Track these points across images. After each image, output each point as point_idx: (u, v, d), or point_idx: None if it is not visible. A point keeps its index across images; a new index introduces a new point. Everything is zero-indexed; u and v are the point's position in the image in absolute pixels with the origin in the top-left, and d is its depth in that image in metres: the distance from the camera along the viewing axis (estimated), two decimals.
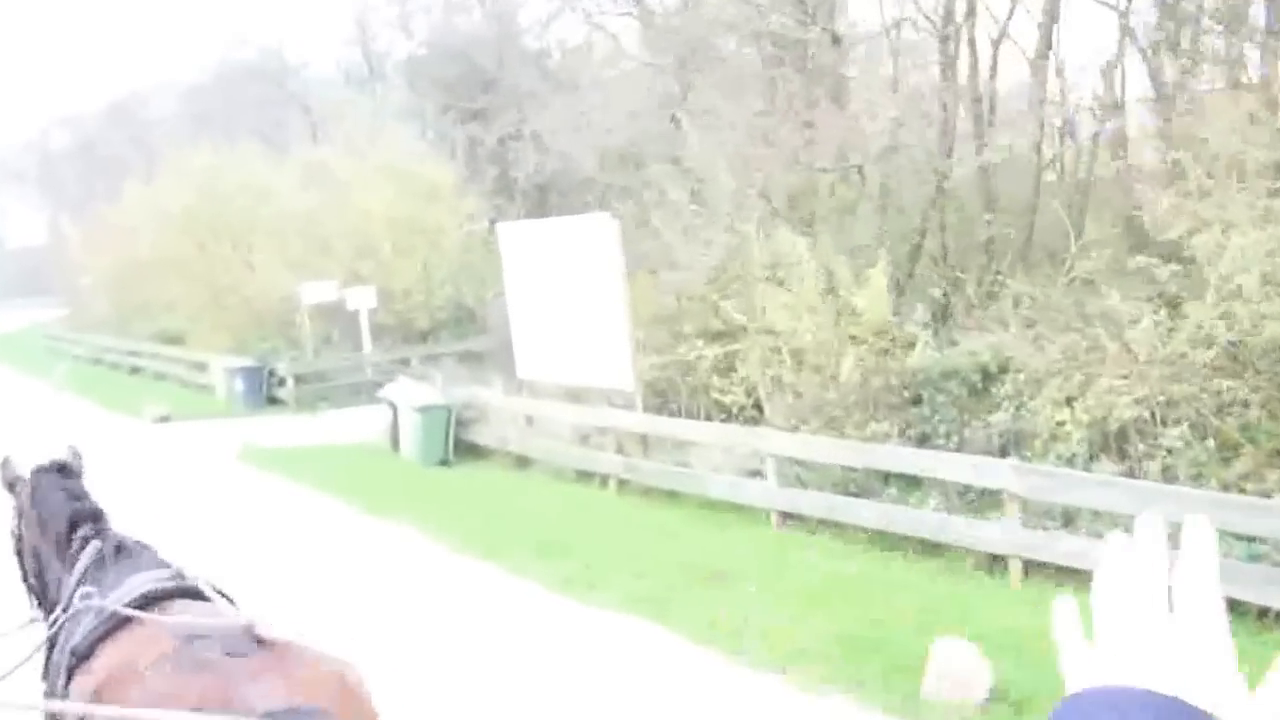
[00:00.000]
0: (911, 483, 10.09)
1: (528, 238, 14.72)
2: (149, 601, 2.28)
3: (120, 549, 2.77)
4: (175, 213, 26.15)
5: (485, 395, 15.22)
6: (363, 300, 20.94)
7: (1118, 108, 13.14)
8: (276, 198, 23.96)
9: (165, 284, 26.83)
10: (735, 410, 12.64)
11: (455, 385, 15.73)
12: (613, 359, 13.16)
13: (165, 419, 19.38)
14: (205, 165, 25.99)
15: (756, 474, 11.03)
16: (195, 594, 2.34)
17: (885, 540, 9.50)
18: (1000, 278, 12.37)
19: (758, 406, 13.02)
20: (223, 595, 2.39)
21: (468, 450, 14.82)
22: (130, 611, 2.20)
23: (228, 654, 1.97)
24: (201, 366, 24.11)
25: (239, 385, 20.37)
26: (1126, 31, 12.82)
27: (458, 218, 21.49)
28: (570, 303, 13.73)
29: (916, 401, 10.62)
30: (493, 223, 18.98)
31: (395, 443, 15.25)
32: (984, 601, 8.03)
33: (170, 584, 2.32)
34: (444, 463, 14.61)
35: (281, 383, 20.66)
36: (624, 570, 8.80)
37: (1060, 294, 12.02)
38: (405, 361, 21.49)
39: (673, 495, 11.77)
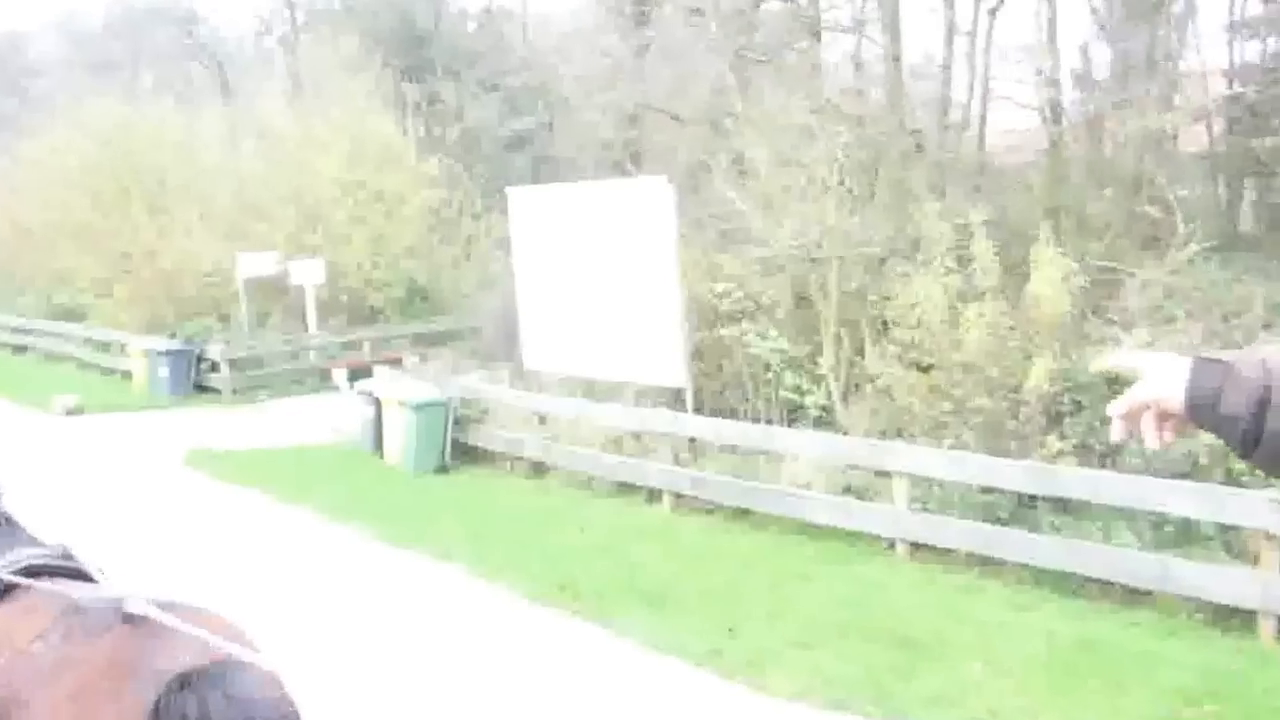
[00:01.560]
0: (1077, 509, 8.28)
1: (546, 205, 12.47)
2: (32, 575, 2.05)
3: (8, 521, 2.52)
4: (72, 171, 22.97)
5: (489, 390, 12.94)
6: (309, 275, 18.32)
7: None
8: (201, 155, 21.03)
9: (58, 252, 23.61)
10: (814, 414, 10.69)
11: (447, 377, 13.40)
12: (657, 350, 11.07)
13: (77, 411, 16.52)
14: (109, 117, 22.83)
15: (865, 494, 9.15)
16: (81, 575, 2.05)
17: (1056, 581, 7.70)
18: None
19: (824, 408, 11.11)
20: (88, 579, 1.99)
21: (464, 454, 12.55)
22: (17, 579, 2.01)
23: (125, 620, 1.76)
24: (105, 347, 21.11)
25: (163, 371, 17.59)
26: None
27: (416, 184, 18.98)
28: (603, 282, 11.57)
29: (1075, 410, 8.79)
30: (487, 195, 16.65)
31: (378, 444, 12.88)
32: (1266, 676, 6.25)
33: (56, 561, 2.05)
34: (441, 469, 12.32)
35: (214, 368, 17.92)
36: (777, 636, 6.74)
37: (1189, 278, 10.39)
38: (355, 345, 18.95)
39: (743, 514, 9.77)
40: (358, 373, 18.40)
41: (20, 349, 24.99)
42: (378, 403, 12.87)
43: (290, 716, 1.76)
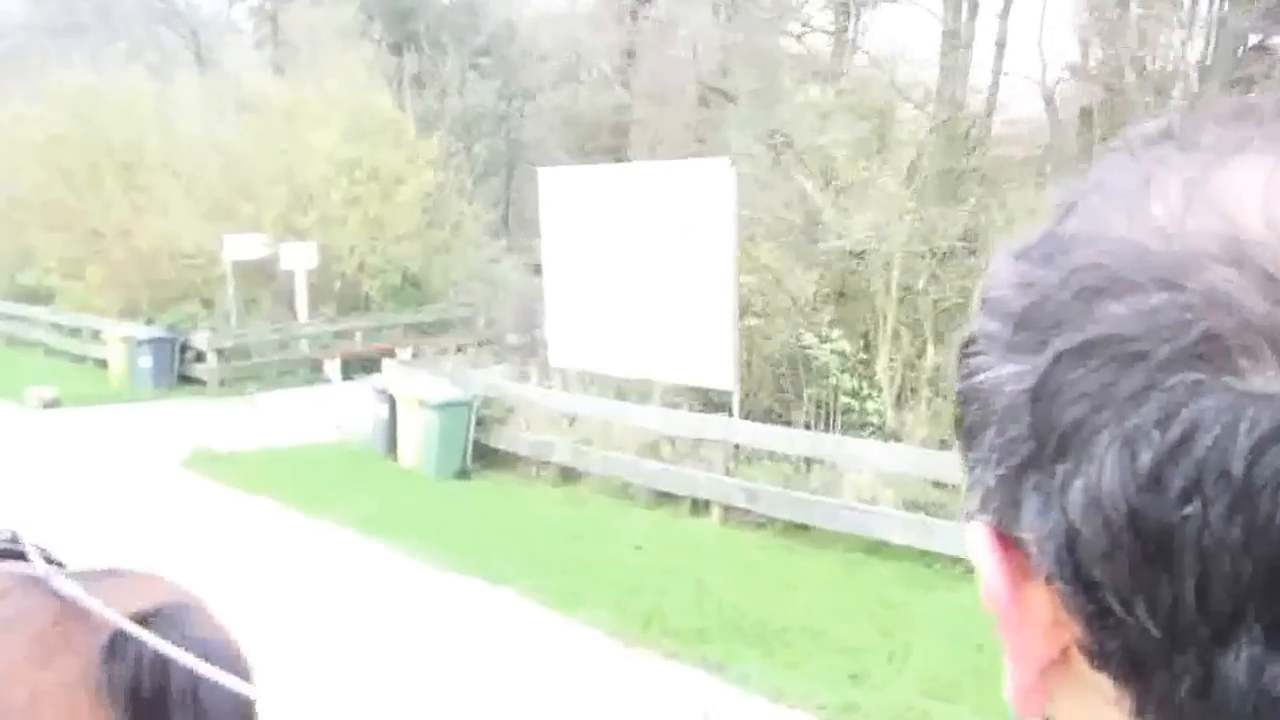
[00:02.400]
0: None
1: (584, 188, 11.66)
2: None
3: None
4: (37, 142, 21.71)
5: (515, 389, 12.15)
6: (301, 259, 17.38)
7: None
8: (179, 128, 19.92)
9: (21, 230, 22.37)
10: (875, 421, 10.04)
11: (465, 373, 12.60)
12: (704, 348, 10.34)
13: (54, 404, 15.50)
14: (78, 85, 21.59)
15: (934, 509, 8.51)
16: (24, 557, 1.64)
17: None
18: None
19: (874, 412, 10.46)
20: (52, 562, 1.59)
21: (482, 457, 11.77)
22: None
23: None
24: (76, 332, 20.01)
25: (144, 360, 16.58)
26: None
27: (416, 164, 18.04)
28: (646, 272, 10.82)
29: None
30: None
31: (391, 446, 12.06)
32: None
33: (4, 545, 1.63)
34: (463, 474, 11.54)
35: (199, 358, 16.95)
36: (907, 685, 6.05)
37: None
38: (347, 335, 18.05)
39: (799, 530, 9.12)
40: (351, 364, 17.58)
41: None
42: (391, 401, 12.04)
43: (241, 658, 1.60)
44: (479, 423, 11.74)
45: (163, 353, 16.60)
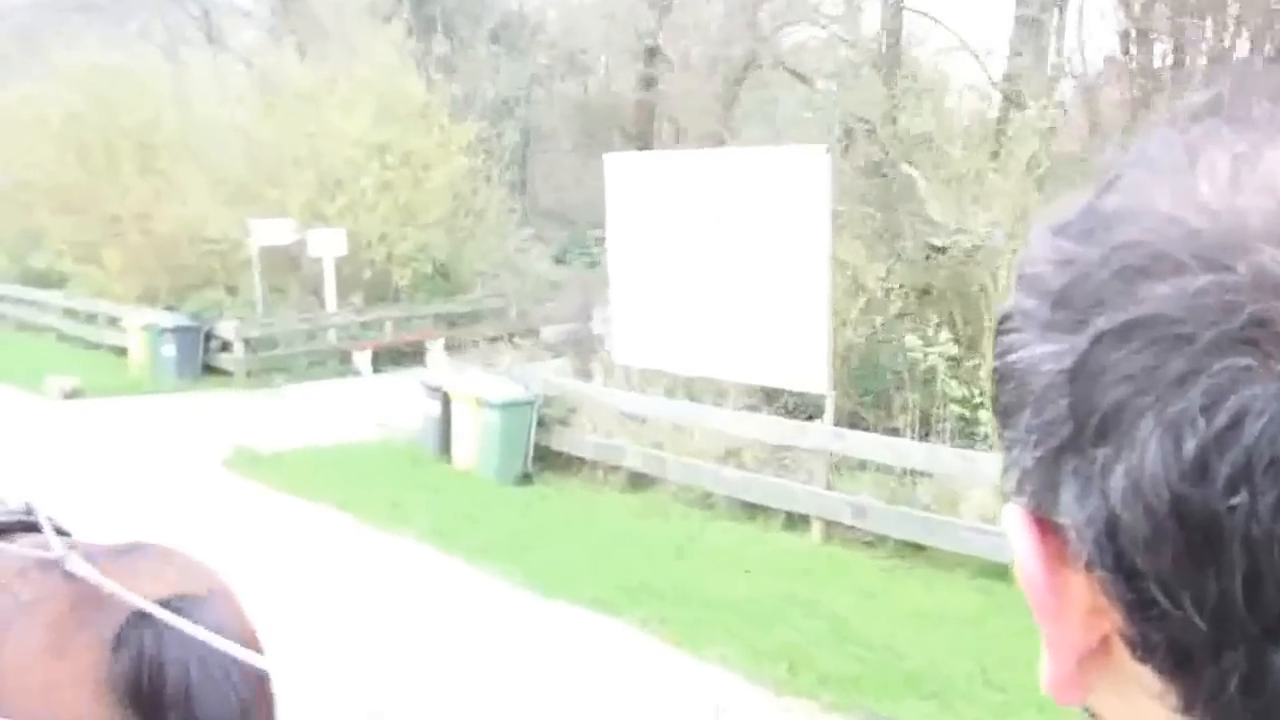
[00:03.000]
0: None
1: (657, 175, 10.89)
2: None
3: None
4: (50, 123, 20.84)
5: (581, 388, 11.40)
6: (329, 246, 16.56)
7: None
8: (200, 110, 19.06)
9: (31, 213, 21.52)
10: (986, 432, 9.31)
11: (523, 369, 11.84)
12: (793, 348, 9.60)
13: (76, 394, 14.68)
14: (92, 65, 20.71)
15: None
16: (38, 529, 2.03)
17: None
18: None
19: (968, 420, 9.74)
20: (61, 533, 2.02)
21: (541, 459, 11.03)
22: None
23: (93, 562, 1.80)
24: (91, 318, 19.19)
25: (168, 349, 15.76)
26: None
27: (447, 149, 17.23)
28: (726, 265, 10.07)
29: None
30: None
31: (444, 446, 11.30)
32: None
33: (20, 518, 2.02)
34: (525, 478, 10.79)
35: (224, 348, 16.13)
36: None
37: None
38: (376, 325, 17.26)
39: (914, 550, 8.40)
40: (381, 356, 16.80)
41: None
42: (445, 398, 11.28)
43: (253, 649, 1.76)
44: (540, 423, 11.00)
45: (187, 342, 15.79)
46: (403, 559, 8.27)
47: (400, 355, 17.09)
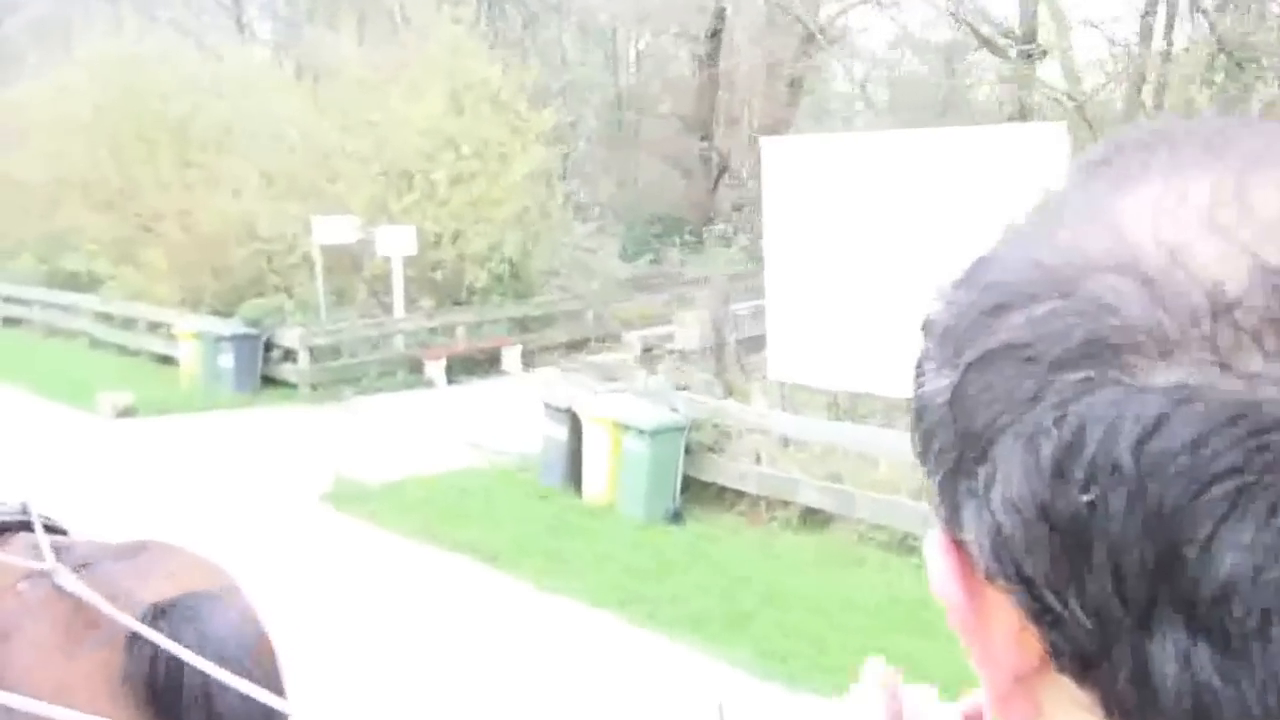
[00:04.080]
0: None
1: (829, 161, 9.41)
2: None
3: None
4: (82, 116, 19.33)
5: (734, 409, 9.91)
6: (398, 245, 15.06)
7: None
8: (246, 99, 17.52)
9: (61, 210, 20.00)
10: None
11: (665, 388, 10.34)
12: None
13: (130, 411, 13.18)
14: (126, 54, 19.21)
15: None
16: (50, 530, 1.88)
17: None
18: None
19: None
20: (59, 531, 1.89)
21: (684, 490, 9.55)
22: None
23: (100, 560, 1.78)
24: (130, 324, 17.69)
25: (225, 359, 14.27)
26: None
27: (524, 138, 15.71)
28: (918, 266, 8.55)
29: None
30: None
31: (572, 477, 9.84)
32: None
33: (18, 517, 1.89)
34: (675, 516, 9.31)
35: (286, 357, 14.64)
36: None
37: None
38: (447, 330, 15.76)
39: None
40: (453, 365, 15.35)
41: (12, 321, 21.37)
42: (573, 420, 9.81)
43: (266, 651, 1.74)
44: (687, 451, 9.53)
45: (246, 351, 14.30)
46: (582, 632, 6.79)
47: (472, 364, 15.62)
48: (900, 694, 0.68)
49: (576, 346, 17.20)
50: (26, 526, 1.93)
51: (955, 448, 0.45)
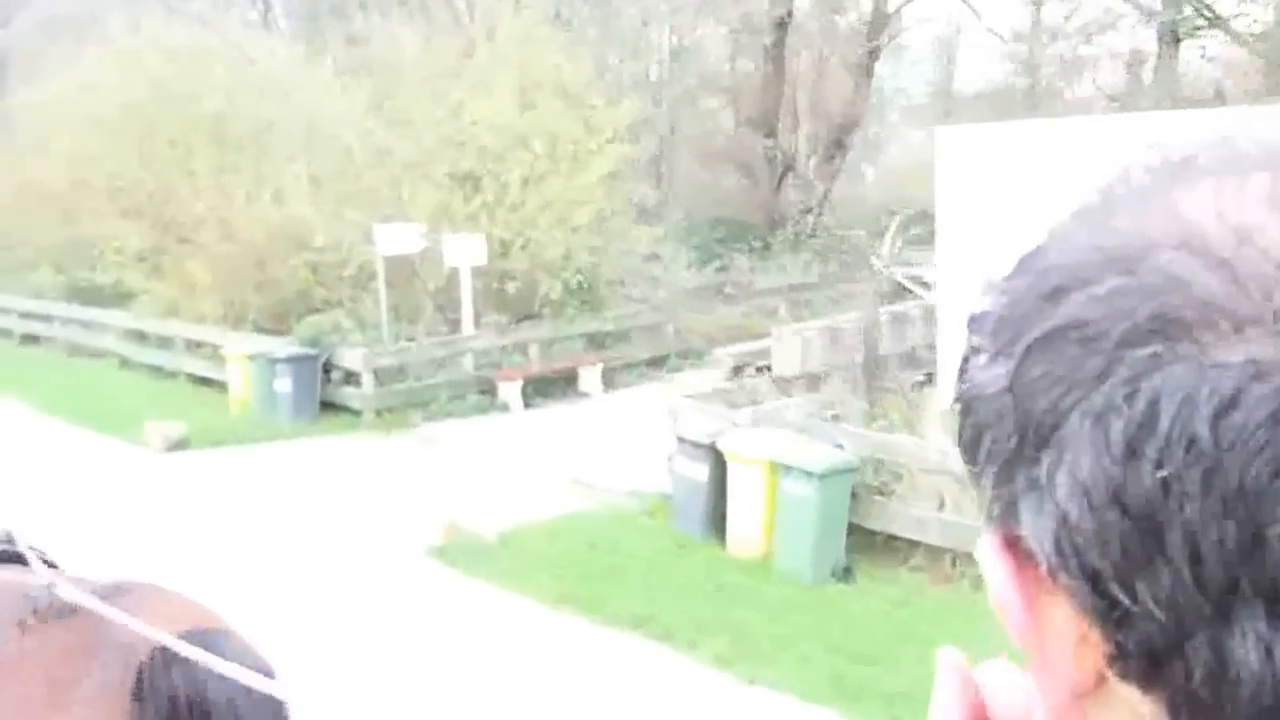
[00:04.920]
0: None
1: (1022, 150, 7.98)
2: None
3: None
4: (108, 116, 17.97)
5: (906, 445, 8.47)
6: (467, 254, 13.64)
7: None
8: (289, 98, 16.14)
9: (84, 219, 18.64)
10: None
11: (822, 421, 8.91)
12: None
13: (183, 444, 11.75)
14: (158, 48, 17.84)
15: None
16: (21, 560, 1.75)
17: None
18: None
19: None
20: (48, 564, 1.71)
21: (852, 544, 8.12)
22: None
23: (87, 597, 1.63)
24: (166, 342, 16.30)
25: (282, 384, 12.84)
26: None
27: (600, 135, 14.29)
28: None
29: None
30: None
31: (714, 525, 8.42)
32: None
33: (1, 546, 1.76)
34: (847, 573, 7.89)
35: (348, 379, 13.23)
36: None
37: None
38: (520, 348, 14.33)
39: None
40: (530, 385, 13.94)
41: (31, 339, 19.97)
42: (715, 457, 8.39)
43: (271, 685, 1.61)
44: (852, 495, 8.11)
45: (304, 374, 12.88)
46: None
47: (547, 384, 14.20)
48: (975, 675, 0.58)
49: (655, 364, 15.81)
50: (12, 558, 1.79)
51: (1013, 436, 0.42)
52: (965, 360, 0.47)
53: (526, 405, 13.68)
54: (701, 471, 8.52)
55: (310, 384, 12.95)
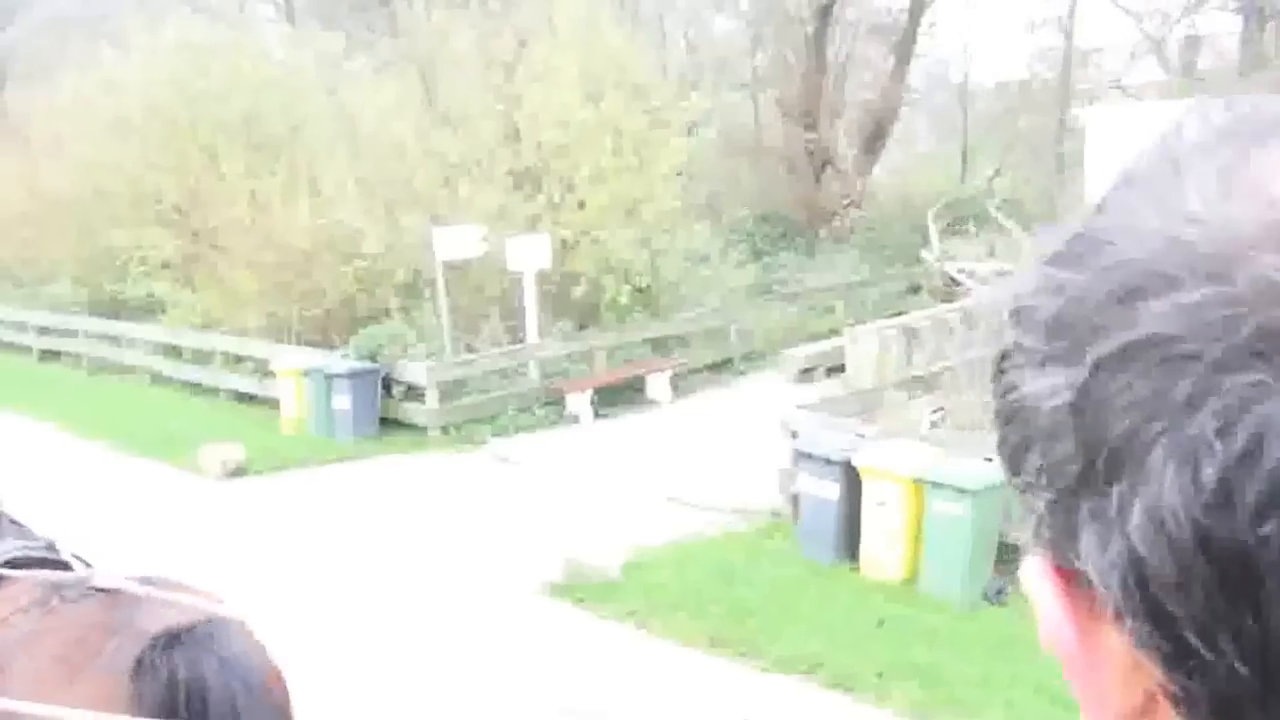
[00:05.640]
0: None
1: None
2: (14, 566, 2.04)
3: None
4: (131, 119, 17.22)
5: None
6: (531, 257, 12.88)
7: None
8: (324, 95, 15.38)
9: (105, 227, 17.87)
10: None
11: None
12: None
13: (241, 470, 10.98)
14: (183, 43, 17.09)
15: None
16: (62, 566, 2.02)
17: None
18: None
19: None
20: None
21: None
22: (2, 571, 2.00)
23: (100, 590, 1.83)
24: (205, 357, 15.54)
25: (342, 400, 12.07)
26: None
27: (667, 129, 13.53)
28: None
29: None
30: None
31: (848, 547, 7.70)
32: None
33: (39, 553, 2.03)
34: (999, 596, 7.18)
35: (409, 394, 12.47)
36: None
37: None
38: (585, 356, 13.58)
39: None
40: (601, 395, 13.22)
41: (51, 354, 19.15)
42: (849, 474, 7.66)
43: (278, 677, 1.71)
44: None
45: (364, 389, 12.11)
46: None
47: (613, 393, 13.45)
48: None
49: (715, 369, 15.08)
50: (46, 564, 1.94)
51: (1076, 460, 0.37)
52: (1004, 358, 0.41)
53: (596, 415, 12.95)
54: (832, 490, 7.78)
55: (371, 400, 12.17)
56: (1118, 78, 24.68)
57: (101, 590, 1.80)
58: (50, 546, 2.16)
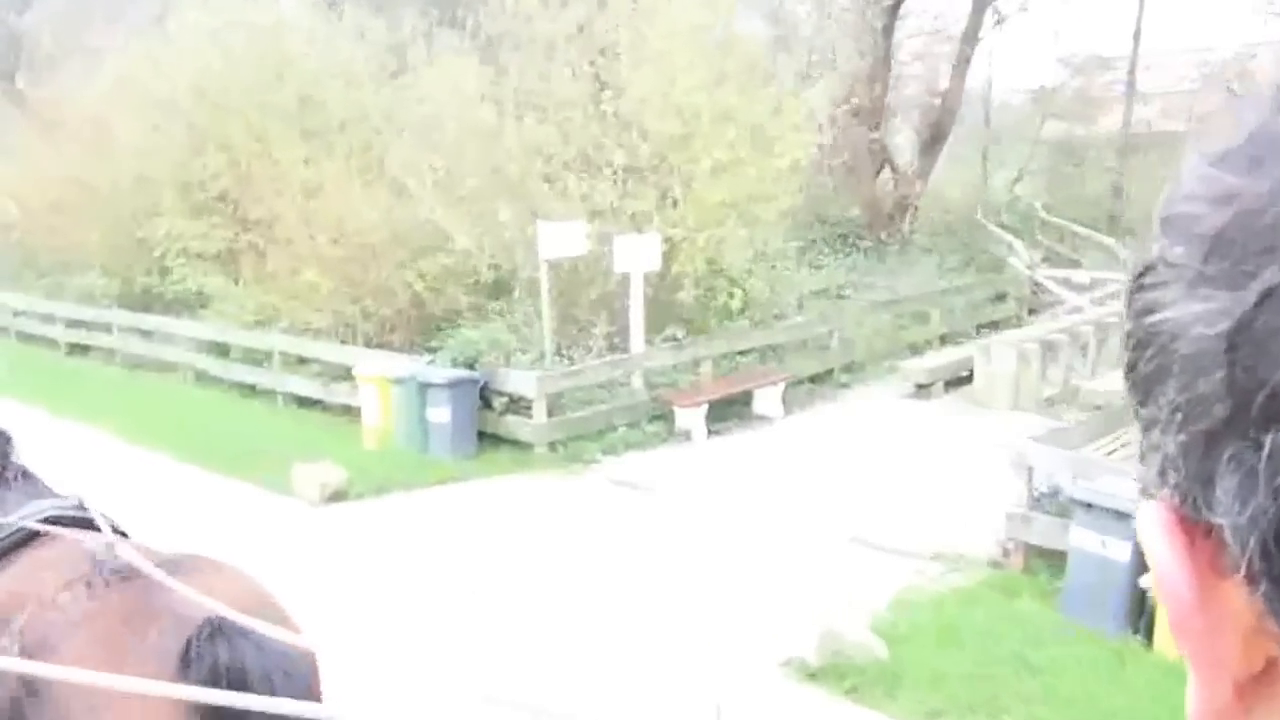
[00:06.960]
0: None
1: None
2: (50, 524, 2.09)
3: (25, 475, 2.55)
4: (177, 102, 15.89)
5: None
6: (638, 256, 11.66)
7: None
8: (399, 78, 14.09)
9: (143, 215, 16.52)
10: None
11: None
12: None
13: (340, 495, 9.68)
14: (229, 20, 15.77)
15: None
16: (92, 525, 2.06)
17: None
18: None
19: None
20: (117, 531, 2.02)
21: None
22: (38, 526, 2.09)
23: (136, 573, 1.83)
24: (264, 357, 14.25)
25: (439, 413, 10.81)
26: None
27: (787, 122, 12.31)
28: None
29: None
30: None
31: (1133, 617, 6.55)
32: None
33: (71, 511, 2.07)
34: None
35: (510, 407, 11.21)
36: None
37: None
38: (691, 366, 12.36)
39: None
40: (711, 411, 12.03)
41: (79, 349, 17.75)
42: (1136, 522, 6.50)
43: (314, 666, 1.74)
44: None
45: (464, 401, 10.85)
46: None
47: (720, 407, 12.25)
48: None
49: (817, 380, 13.91)
50: (83, 523, 1.98)
51: (1225, 400, 0.33)
52: (1150, 271, 0.35)
53: (708, 433, 11.77)
54: (1121, 550, 6.61)
55: (470, 413, 10.92)
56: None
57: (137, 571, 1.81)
58: (80, 505, 2.14)
